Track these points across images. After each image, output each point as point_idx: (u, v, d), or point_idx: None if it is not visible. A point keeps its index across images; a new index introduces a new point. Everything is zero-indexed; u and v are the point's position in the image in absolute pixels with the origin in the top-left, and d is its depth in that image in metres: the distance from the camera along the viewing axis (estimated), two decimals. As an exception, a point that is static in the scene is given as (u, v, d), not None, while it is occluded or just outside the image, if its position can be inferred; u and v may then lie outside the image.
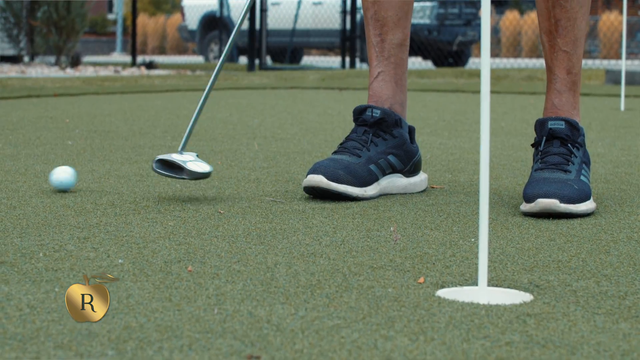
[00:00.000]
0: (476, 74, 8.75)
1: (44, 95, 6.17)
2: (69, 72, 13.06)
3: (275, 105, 5.20)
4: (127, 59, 22.21)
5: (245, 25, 20.84)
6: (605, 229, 1.97)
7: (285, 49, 21.64)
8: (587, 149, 3.48)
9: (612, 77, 8.14)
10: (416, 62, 17.05)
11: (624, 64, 5.76)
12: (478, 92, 6.83)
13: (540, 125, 2.25)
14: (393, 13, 2.37)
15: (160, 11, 45.87)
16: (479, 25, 20.80)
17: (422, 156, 3.11)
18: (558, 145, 2.21)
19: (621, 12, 35.54)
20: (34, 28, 15.10)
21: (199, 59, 24.90)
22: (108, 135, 3.61)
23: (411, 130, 2.42)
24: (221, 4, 21.23)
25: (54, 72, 12.47)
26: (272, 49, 22.35)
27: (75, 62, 13.88)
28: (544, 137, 2.22)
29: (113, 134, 3.66)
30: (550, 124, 2.23)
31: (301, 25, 20.37)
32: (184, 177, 2.24)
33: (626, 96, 6.51)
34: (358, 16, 14.55)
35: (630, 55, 31.61)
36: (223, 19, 21.28)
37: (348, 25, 14.26)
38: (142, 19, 41.99)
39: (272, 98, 5.83)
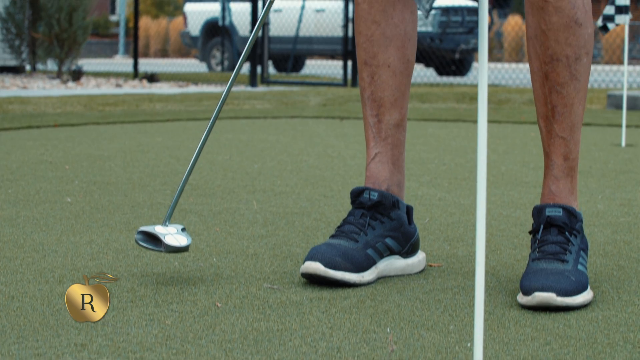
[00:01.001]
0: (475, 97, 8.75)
1: (45, 125, 6.17)
2: (71, 85, 13.09)
3: (275, 143, 5.20)
4: (130, 62, 22.13)
5: (247, 33, 20.87)
6: (602, 327, 1.97)
7: (288, 56, 21.74)
8: (587, 203, 3.49)
9: (614, 101, 8.14)
10: (419, 73, 17.04)
11: (625, 97, 5.75)
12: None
13: (537, 212, 2.25)
14: (390, 94, 2.38)
15: (163, 13, 45.94)
16: (481, 32, 20.74)
17: (420, 218, 3.12)
18: (555, 233, 2.21)
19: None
20: (36, 39, 15.14)
21: (202, 65, 24.96)
22: (107, 188, 3.62)
23: (409, 210, 2.42)
24: (223, 12, 21.27)
25: (56, 87, 12.49)
26: (275, 56, 22.47)
27: (76, 76, 13.89)
28: (542, 225, 2.23)
29: (112, 186, 3.66)
30: (548, 212, 2.23)
31: (303, 32, 20.42)
32: (161, 249, 2.25)
33: (627, 126, 6.51)
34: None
35: (633, 60, 31.76)
36: (225, 26, 21.34)
37: (350, 33, 14.26)
38: (145, 22, 42.13)
39: (272, 132, 5.83)
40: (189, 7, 25.32)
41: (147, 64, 24.79)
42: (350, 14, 14.18)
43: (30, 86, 12.69)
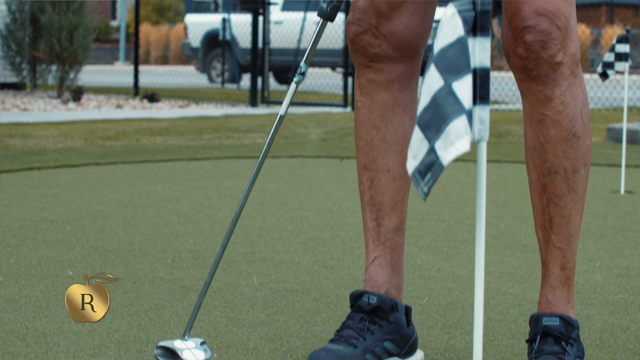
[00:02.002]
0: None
1: (45, 167, 6.20)
2: (71, 107, 13.13)
3: (275, 192, 5.23)
4: (130, 68, 22.05)
5: (247, 44, 20.90)
6: None
7: (288, 67, 21.87)
8: (585, 273, 3.52)
9: (614, 135, 8.17)
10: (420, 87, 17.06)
11: (624, 136, 5.77)
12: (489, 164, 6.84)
13: (534, 321, 2.27)
14: (389, 198, 2.40)
15: (164, 19, 46.05)
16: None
17: (419, 296, 3.14)
18: (552, 343, 2.24)
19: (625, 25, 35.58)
20: (36, 57, 15.21)
21: (202, 76, 25.01)
22: (108, 257, 3.64)
23: (408, 312, 2.44)
24: (224, 30, 21.31)
25: (56, 109, 12.52)
26: (275, 67, 22.59)
27: (77, 96, 13.92)
28: (538, 335, 2.25)
29: (113, 254, 3.68)
30: (545, 321, 2.25)
31: (304, 44, 20.50)
32: None
33: (627, 166, 6.53)
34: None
35: (634, 69, 31.59)
36: (225, 39, 21.41)
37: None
38: (145, 28, 42.26)
39: (272, 177, 5.85)
40: (189, 19, 25.43)
41: (147, 72, 24.75)
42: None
43: (31, 107, 12.72)
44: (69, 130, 8.62)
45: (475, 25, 1.39)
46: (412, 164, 1.38)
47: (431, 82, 1.37)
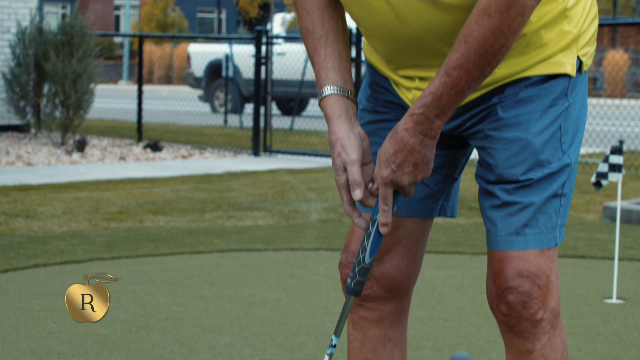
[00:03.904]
0: (475, 207, 8.90)
1: (50, 263, 6.35)
2: (75, 158, 13.30)
3: (275, 306, 5.35)
4: (134, 89, 22.09)
5: (250, 75, 21.03)
6: None
7: (291, 98, 22.07)
8: None
9: (609, 213, 8.32)
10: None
11: (617, 245, 5.89)
12: (483, 253, 6.96)
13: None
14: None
15: (167, 36, 46.23)
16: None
17: None
18: None
19: (626, 50, 35.73)
20: (40, 103, 15.43)
21: (206, 106, 25.17)
22: (113, 410, 3.78)
23: None
24: (227, 62, 21.49)
25: (60, 163, 12.69)
26: (278, 98, 22.79)
27: (81, 147, 14.08)
28: None
29: (118, 406, 3.82)
30: None
31: (308, 76, 20.76)
32: None
33: (620, 259, 6.65)
34: (362, 69, 14.77)
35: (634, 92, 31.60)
36: (227, 75, 21.62)
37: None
38: (149, 47, 42.43)
39: (273, 282, 5.98)
40: (193, 48, 25.64)
41: (150, 92, 24.80)
42: (353, 55, 14.39)
43: (35, 160, 12.89)
44: (74, 206, 8.77)
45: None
46: None
47: None
